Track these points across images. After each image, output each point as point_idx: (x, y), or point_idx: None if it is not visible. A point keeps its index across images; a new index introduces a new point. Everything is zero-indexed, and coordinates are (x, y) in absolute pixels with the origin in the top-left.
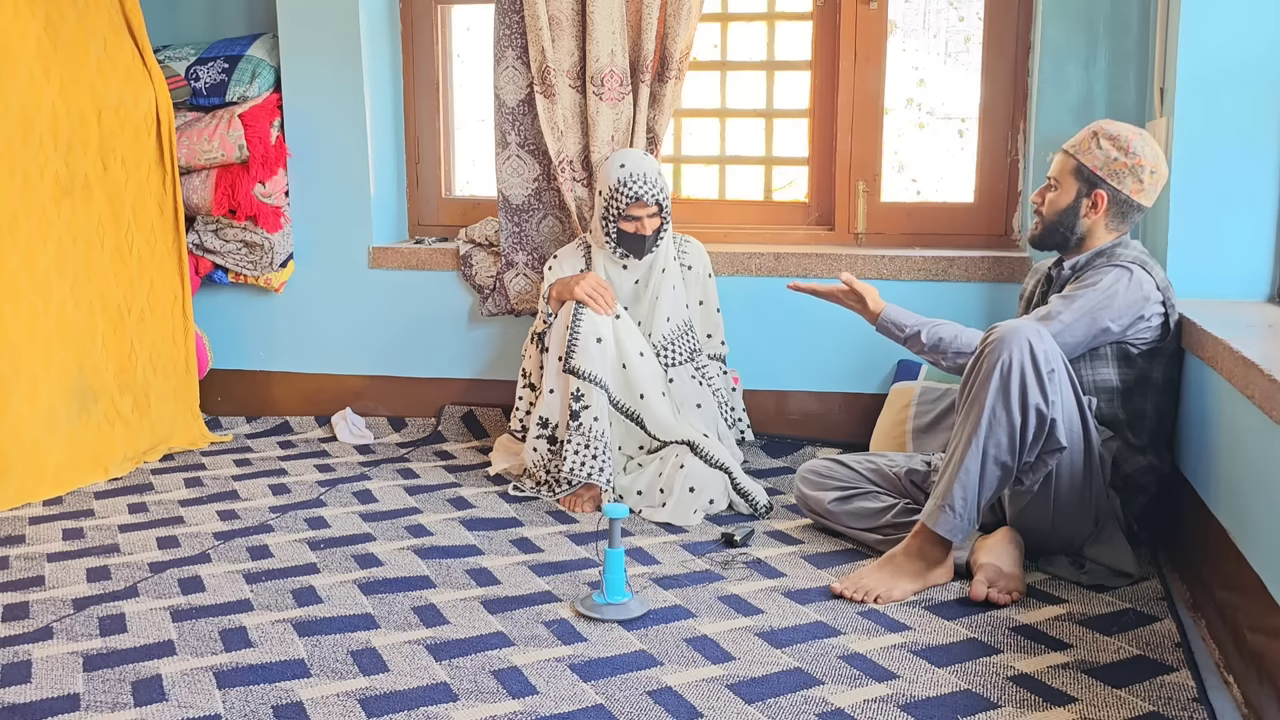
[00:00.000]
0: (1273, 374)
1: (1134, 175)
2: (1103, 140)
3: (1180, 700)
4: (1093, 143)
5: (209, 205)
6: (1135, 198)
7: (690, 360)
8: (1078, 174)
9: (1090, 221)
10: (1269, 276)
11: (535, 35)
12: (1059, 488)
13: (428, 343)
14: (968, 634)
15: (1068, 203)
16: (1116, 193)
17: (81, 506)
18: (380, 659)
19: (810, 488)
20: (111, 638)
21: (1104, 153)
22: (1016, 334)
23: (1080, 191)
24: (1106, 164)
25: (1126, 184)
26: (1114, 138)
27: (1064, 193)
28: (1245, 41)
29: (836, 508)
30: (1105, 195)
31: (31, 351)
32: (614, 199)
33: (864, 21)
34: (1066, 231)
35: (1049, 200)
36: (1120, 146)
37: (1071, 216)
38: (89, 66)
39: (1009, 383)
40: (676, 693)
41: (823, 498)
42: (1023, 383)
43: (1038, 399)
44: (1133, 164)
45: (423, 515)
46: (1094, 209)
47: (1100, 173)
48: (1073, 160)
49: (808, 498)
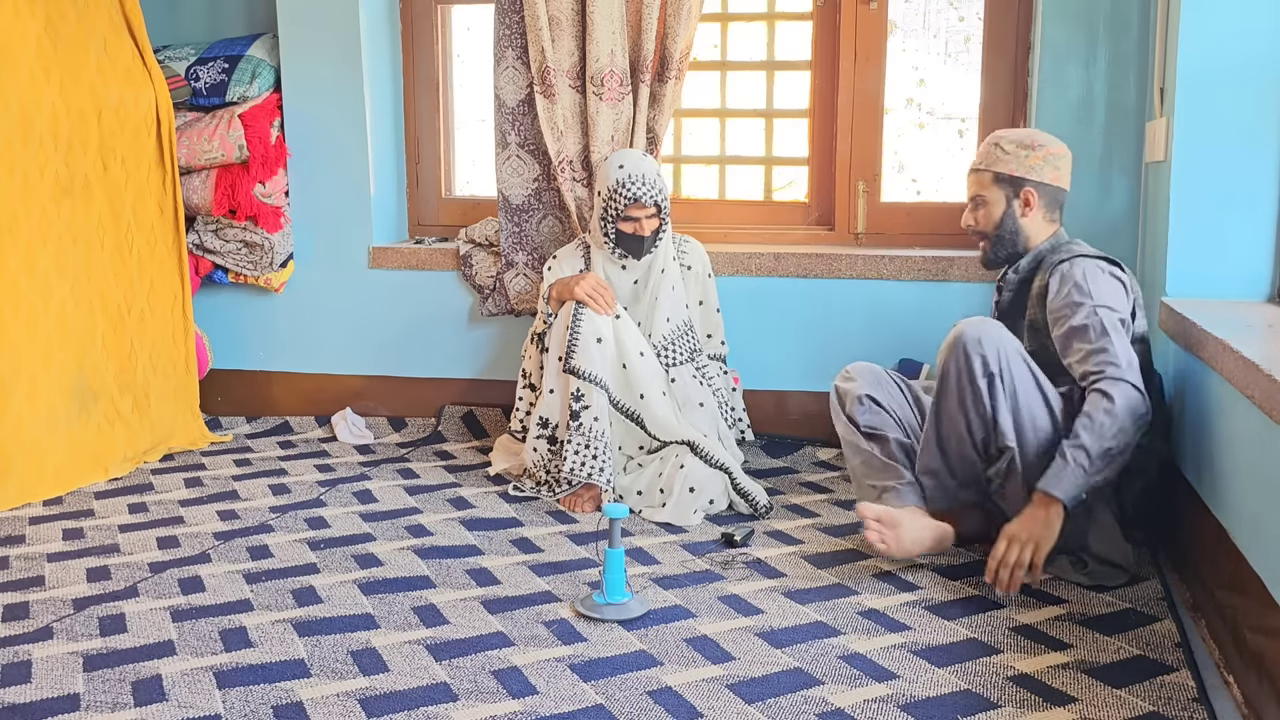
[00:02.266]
0: (1273, 374)
1: (1049, 164)
2: (1006, 145)
3: (1180, 700)
4: (998, 151)
5: (209, 205)
6: (1057, 184)
7: (691, 360)
8: (998, 182)
9: (1028, 220)
10: (1269, 276)
11: (535, 35)
12: (1031, 479)
13: (428, 343)
14: (968, 634)
15: (1001, 211)
16: (1041, 185)
17: (81, 506)
18: (380, 659)
19: (856, 376)
20: (111, 638)
21: (1012, 155)
22: (956, 344)
23: (1008, 196)
24: (1020, 163)
25: (1046, 174)
26: (1014, 139)
27: (993, 204)
28: (1245, 41)
29: (866, 402)
30: (1033, 190)
31: (31, 351)
32: (612, 200)
33: (864, 21)
34: (1012, 237)
35: (981, 218)
36: (1025, 145)
37: (1011, 222)
38: (89, 66)
39: (947, 390)
40: (676, 693)
41: (857, 388)
42: (959, 391)
43: (974, 405)
44: (1044, 155)
45: (423, 515)
46: (1027, 206)
47: (1019, 173)
48: (987, 173)
49: (848, 378)
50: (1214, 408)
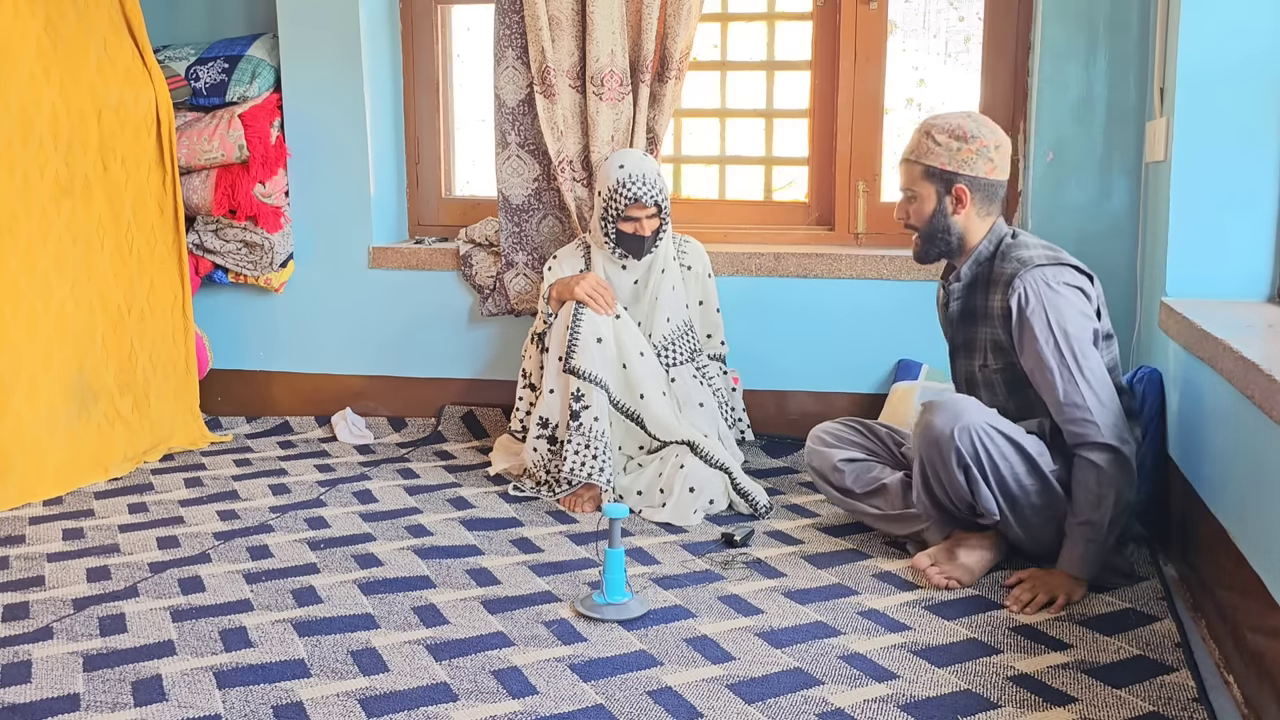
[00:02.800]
0: (1273, 374)
1: (982, 157)
2: (939, 135)
3: (1180, 700)
4: (929, 142)
5: (209, 205)
6: (992, 177)
7: (691, 360)
8: (929, 176)
9: (961, 217)
10: (1269, 276)
11: (535, 35)
12: (1030, 525)
13: (428, 343)
14: (968, 634)
15: (932, 207)
16: (974, 180)
17: (81, 506)
18: (380, 659)
19: (820, 445)
20: (111, 638)
21: (944, 147)
22: (927, 437)
23: (939, 192)
24: (952, 157)
25: (979, 168)
26: (948, 130)
27: (925, 199)
28: (1244, 41)
29: (845, 467)
30: (965, 187)
31: (31, 351)
32: (613, 200)
33: (864, 21)
34: (945, 235)
35: (913, 212)
36: (957, 136)
37: (942, 219)
38: (89, 66)
39: (926, 477)
40: (676, 693)
41: (832, 455)
42: (938, 481)
43: (955, 493)
44: (977, 147)
45: (423, 515)
46: (960, 204)
47: (950, 167)
48: (918, 166)
49: (814, 454)
50: (1214, 408)
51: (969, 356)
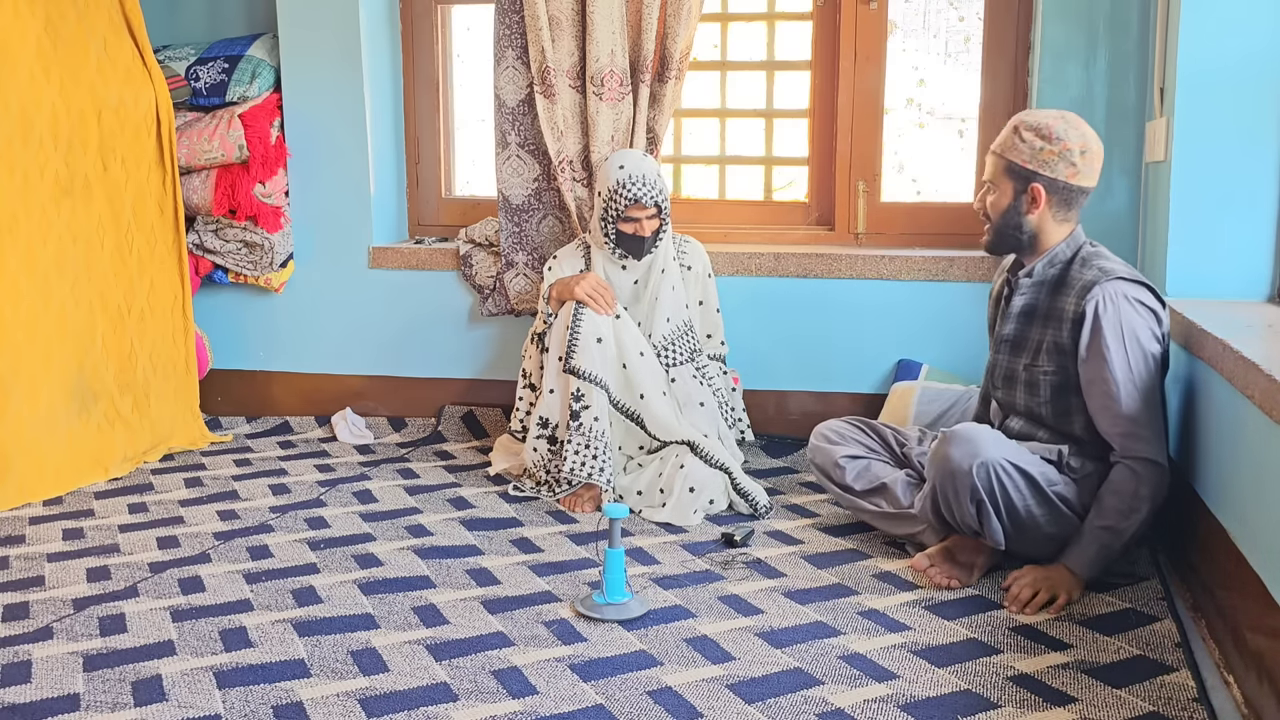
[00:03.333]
0: (1273, 374)
1: (1064, 160)
2: (1025, 133)
3: (1180, 700)
4: (1015, 138)
5: (209, 205)
6: (1073, 182)
7: (691, 360)
8: (1010, 172)
9: (1035, 217)
10: (1269, 276)
11: (535, 35)
12: (1034, 545)
13: (428, 343)
14: (968, 634)
15: (1007, 203)
16: (1053, 182)
17: (81, 506)
18: (380, 659)
19: (824, 442)
20: (111, 638)
21: (1028, 145)
22: (944, 469)
23: (1016, 189)
24: (1034, 156)
25: (1060, 170)
26: (1035, 128)
27: (1002, 193)
28: (1244, 41)
29: (847, 464)
30: (1041, 187)
31: (31, 351)
32: (613, 200)
33: (864, 21)
34: (1015, 232)
35: (990, 204)
36: (1043, 135)
37: (1015, 216)
38: (89, 66)
39: (939, 504)
40: (676, 693)
41: (834, 451)
42: (949, 511)
43: (967, 523)
44: (1060, 150)
45: (423, 515)
46: (1034, 204)
47: (1030, 165)
48: (1002, 159)
49: (817, 450)
50: (1214, 408)
51: (1014, 354)
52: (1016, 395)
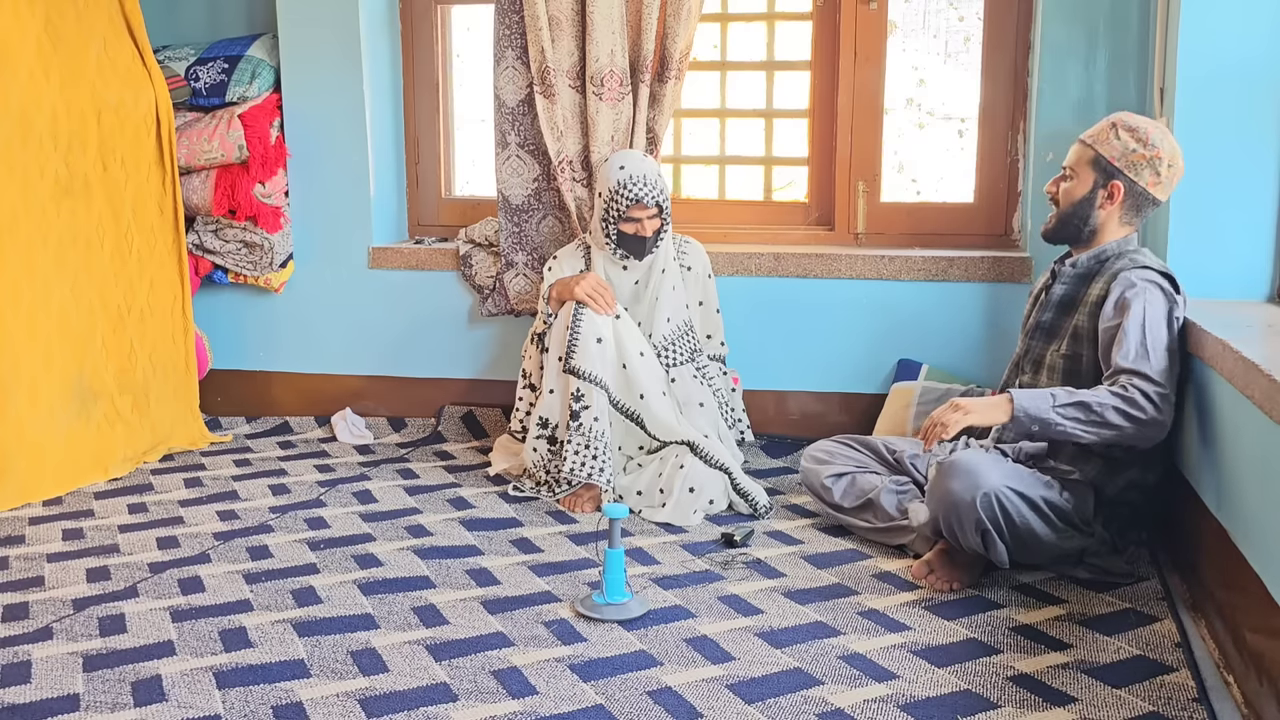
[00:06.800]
0: (1273, 374)
1: (1151, 168)
2: (1121, 131)
3: (1180, 700)
4: (1111, 133)
5: (209, 205)
6: (1151, 190)
7: (691, 360)
8: (1095, 164)
9: (1105, 213)
10: (1269, 276)
11: (535, 35)
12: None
13: (427, 343)
14: (968, 634)
15: (1084, 193)
16: (1133, 184)
17: (81, 506)
18: (380, 659)
19: (812, 463)
20: (111, 638)
21: (1122, 144)
22: (945, 502)
23: (1097, 182)
24: (1124, 155)
25: (1144, 176)
26: (1133, 129)
27: (1080, 183)
28: (1244, 41)
29: (832, 484)
30: (1122, 186)
31: (31, 351)
32: (614, 201)
33: (864, 21)
34: (1080, 223)
35: (1064, 190)
36: (1139, 138)
37: (1087, 207)
38: (89, 66)
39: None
40: (676, 693)
41: (821, 471)
42: (953, 539)
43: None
44: (1151, 156)
45: (423, 515)
46: (1110, 200)
47: (1118, 163)
48: (1090, 150)
49: (807, 472)
50: (1214, 408)
51: (1047, 341)
52: (1040, 381)
